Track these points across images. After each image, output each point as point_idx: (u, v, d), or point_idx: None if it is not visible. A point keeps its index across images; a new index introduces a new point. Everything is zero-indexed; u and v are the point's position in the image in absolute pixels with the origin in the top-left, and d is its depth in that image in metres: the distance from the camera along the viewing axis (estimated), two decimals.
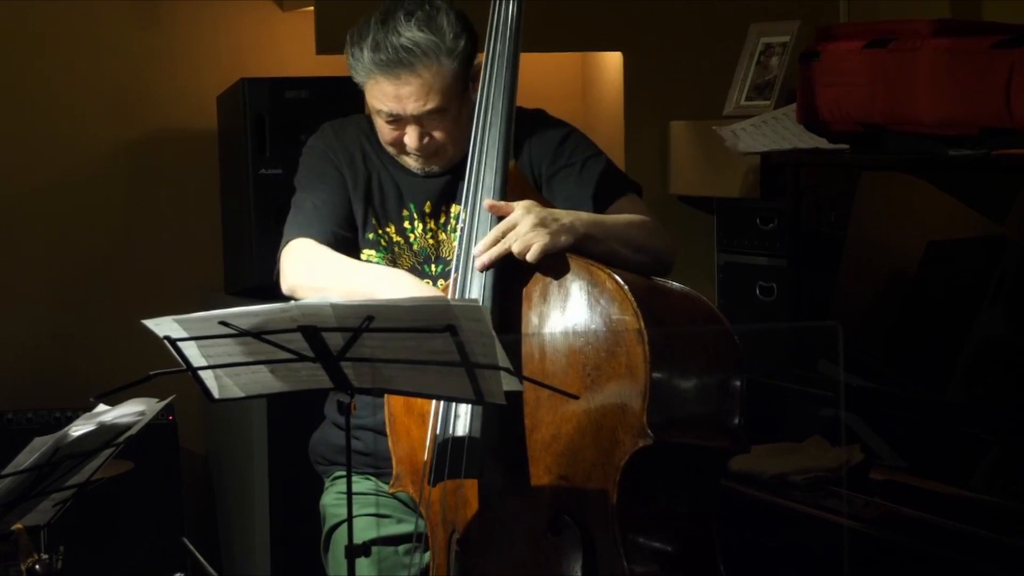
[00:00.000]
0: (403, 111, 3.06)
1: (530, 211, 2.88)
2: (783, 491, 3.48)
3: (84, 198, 4.93)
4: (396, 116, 3.07)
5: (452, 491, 2.93)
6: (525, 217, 2.87)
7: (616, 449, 2.75)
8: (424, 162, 3.15)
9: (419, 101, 3.04)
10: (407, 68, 3.02)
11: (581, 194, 3.09)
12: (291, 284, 3.11)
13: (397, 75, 3.03)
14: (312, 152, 3.24)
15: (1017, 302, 3.39)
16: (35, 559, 2.84)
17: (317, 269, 3.09)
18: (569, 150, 3.15)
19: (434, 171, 3.16)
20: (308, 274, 3.09)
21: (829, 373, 3.72)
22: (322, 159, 3.21)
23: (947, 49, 3.57)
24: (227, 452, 4.84)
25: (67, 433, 2.72)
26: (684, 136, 4.70)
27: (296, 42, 4.90)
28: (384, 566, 3.10)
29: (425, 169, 3.16)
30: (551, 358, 2.83)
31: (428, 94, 3.04)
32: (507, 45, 3.00)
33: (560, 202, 3.06)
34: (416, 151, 3.11)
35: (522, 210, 2.89)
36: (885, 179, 3.79)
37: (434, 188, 3.17)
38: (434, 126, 3.09)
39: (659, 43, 4.83)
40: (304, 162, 3.25)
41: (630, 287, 2.78)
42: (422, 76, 3.02)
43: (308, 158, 3.24)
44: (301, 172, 3.24)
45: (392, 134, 3.11)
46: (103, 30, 4.92)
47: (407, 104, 3.04)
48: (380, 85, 3.05)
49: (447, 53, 3.03)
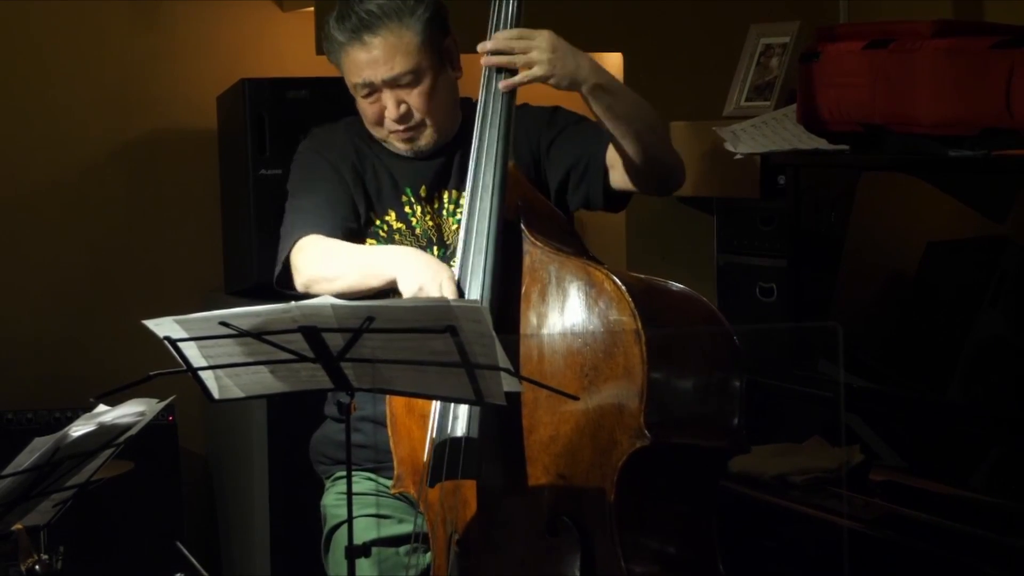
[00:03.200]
0: (374, 77, 3.12)
1: (553, 38, 2.99)
2: (783, 491, 3.48)
3: (84, 198, 4.93)
4: (370, 85, 3.14)
5: (451, 492, 2.93)
6: (546, 39, 2.98)
7: (614, 449, 2.75)
8: (408, 141, 3.19)
9: (387, 64, 3.11)
10: (371, 31, 3.10)
11: (585, 143, 3.17)
12: (307, 279, 3.12)
13: (363, 40, 3.11)
14: (303, 156, 3.29)
15: (1017, 302, 3.39)
16: (35, 559, 2.84)
17: (331, 258, 3.11)
18: (561, 119, 3.24)
19: (423, 152, 3.20)
20: (323, 265, 3.11)
21: (829, 373, 3.72)
22: (315, 160, 3.26)
23: (947, 49, 3.57)
24: (227, 452, 4.84)
25: (67, 433, 2.72)
26: (684, 136, 4.69)
27: (296, 42, 4.90)
28: (385, 567, 3.10)
29: (413, 150, 3.20)
30: (549, 359, 2.83)
31: (395, 56, 3.11)
32: None
33: (566, 162, 3.16)
34: (396, 122, 3.15)
35: (548, 35, 2.99)
36: (885, 179, 3.79)
37: (427, 171, 3.22)
38: (408, 94, 3.13)
39: (659, 43, 4.83)
40: (296, 167, 3.29)
41: (628, 288, 2.78)
42: (386, 38, 3.10)
43: (300, 162, 3.30)
44: (295, 177, 3.28)
45: (371, 109, 3.17)
46: (103, 30, 4.92)
47: (377, 69, 3.11)
48: (350, 56, 3.13)
49: (410, 14, 3.11)
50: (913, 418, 3.52)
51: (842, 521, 3.27)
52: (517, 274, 2.90)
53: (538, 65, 2.97)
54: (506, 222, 2.95)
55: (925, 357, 3.60)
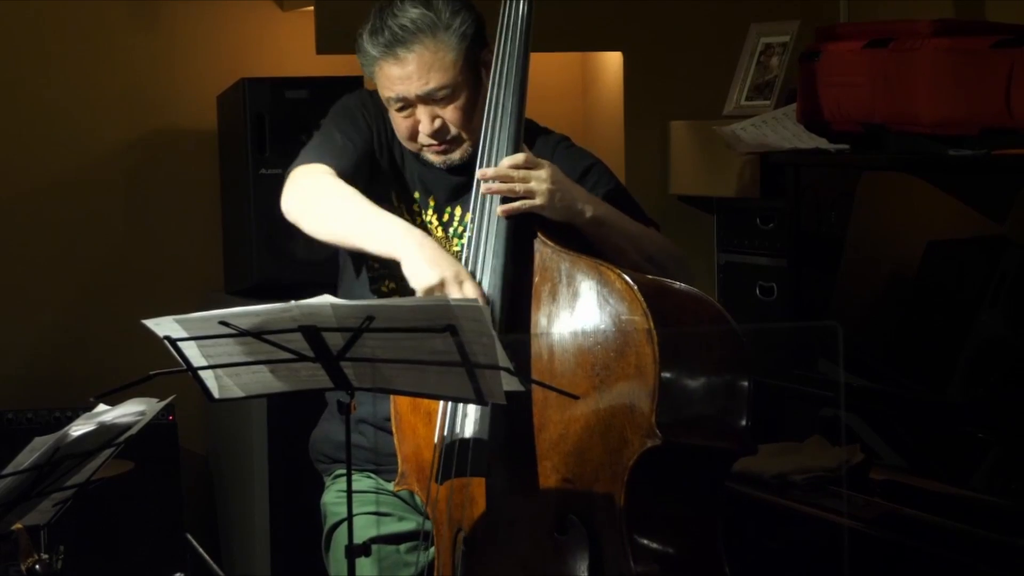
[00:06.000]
0: (408, 92, 3.03)
1: (554, 170, 2.92)
2: (783, 491, 3.48)
3: (84, 198, 4.93)
4: (404, 100, 3.05)
5: (459, 489, 2.92)
6: (546, 170, 2.91)
7: (624, 449, 2.75)
8: (443, 154, 3.10)
9: (421, 79, 3.02)
10: (405, 46, 3.01)
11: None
12: (293, 206, 3.01)
13: (396, 55, 3.02)
14: (347, 103, 3.19)
15: (1017, 302, 3.39)
16: (35, 559, 2.84)
17: (334, 202, 2.99)
18: (593, 181, 3.11)
19: (454, 163, 3.11)
20: (319, 203, 3.00)
21: (829, 373, 3.72)
22: (357, 111, 3.16)
23: (947, 49, 3.57)
24: (227, 452, 4.84)
25: (67, 433, 2.72)
26: (684, 136, 4.70)
27: (296, 42, 4.90)
28: (385, 565, 3.10)
29: (447, 163, 3.11)
30: (560, 357, 2.83)
31: (430, 72, 3.02)
32: (517, 43, 2.99)
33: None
34: (430, 137, 3.07)
35: (549, 165, 2.93)
36: (885, 179, 3.79)
37: (442, 186, 3.14)
38: (443, 109, 3.05)
39: (659, 43, 4.83)
40: (337, 108, 3.18)
41: (640, 287, 2.78)
42: (421, 54, 3.01)
43: (342, 106, 3.19)
44: (334, 113, 3.17)
45: (405, 123, 3.08)
46: (103, 31, 4.92)
47: (411, 85, 3.03)
48: (384, 70, 3.05)
49: (444, 28, 3.02)
50: (913, 418, 3.52)
51: (842, 521, 3.27)
52: (528, 272, 2.90)
53: (538, 195, 2.89)
54: (516, 220, 2.94)
55: (925, 357, 3.60)
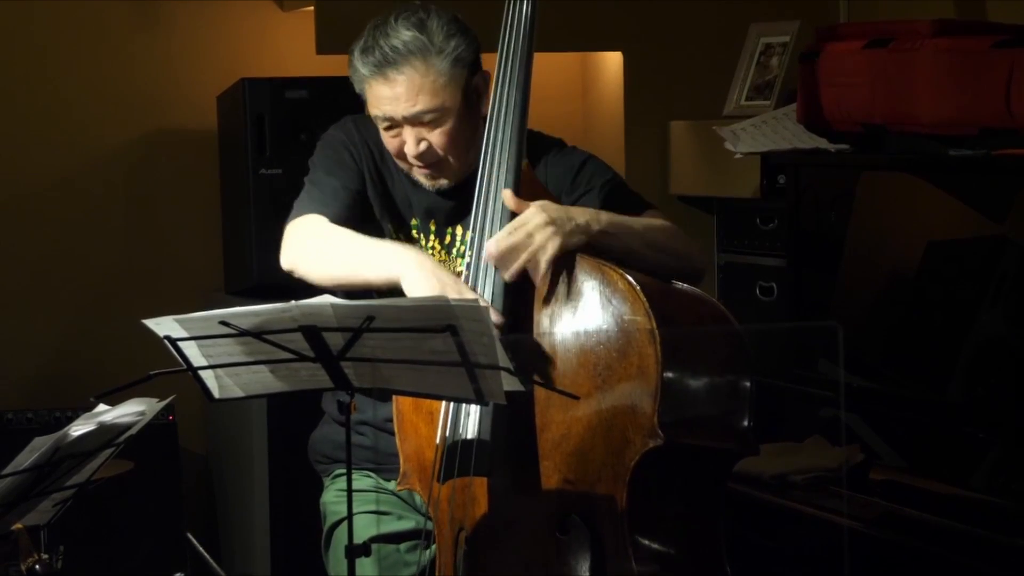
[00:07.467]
0: (395, 113, 3.04)
1: (544, 210, 2.86)
2: (783, 491, 3.48)
3: (84, 198, 4.93)
4: (391, 119, 3.05)
5: (461, 489, 2.92)
6: (538, 216, 2.85)
7: (627, 449, 2.75)
8: (429, 176, 3.11)
9: (409, 101, 3.02)
10: (394, 67, 3.01)
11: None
12: (292, 259, 3.04)
13: (386, 75, 3.02)
14: (332, 140, 3.20)
15: (1017, 302, 3.39)
16: (35, 559, 2.84)
17: (324, 242, 3.01)
18: (588, 176, 3.12)
19: (444, 187, 3.13)
20: (313, 247, 3.02)
21: (829, 373, 3.72)
22: (342, 149, 3.17)
23: (947, 49, 3.57)
24: (227, 452, 4.84)
25: (67, 433, 2.72)
26: (684, 136, 4.70)
27: (296, 42, 4.90)
28: (385, 564, 3.10)
29: (436, 187, 3.12)
30: (562, 358, 2.83)
31: (418, 94, 3.02)
32: (521, 44, 2.98)
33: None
34: (415, 159, 3.08)
35: (536, 208, 2.87)
36: (885, 179, 3.79)
37: (441, 207, 3.14)
38: (430, 132, 3.05)
39: (659, 43, 4.83)
40: (323, 147, 3.20)
41: (642, 287, 2.78)
42: (411, 76, 3.01)
43: (328, 145, 3.20)
44: (320, 155, 3.19)
45: (393, 142, 3.09)
46: (103, 30, 4.92)
47: (398, 105, 3.03)
48: (373, 89, 3.05)
49: (437, 52, 3.01)
50: (913, 418, 3.52)
51: (842, 521, 3.27)
52: (529, 286, 2.89)
53: (550, 243, 2.84)
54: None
55: (925, 357, 3.60)
